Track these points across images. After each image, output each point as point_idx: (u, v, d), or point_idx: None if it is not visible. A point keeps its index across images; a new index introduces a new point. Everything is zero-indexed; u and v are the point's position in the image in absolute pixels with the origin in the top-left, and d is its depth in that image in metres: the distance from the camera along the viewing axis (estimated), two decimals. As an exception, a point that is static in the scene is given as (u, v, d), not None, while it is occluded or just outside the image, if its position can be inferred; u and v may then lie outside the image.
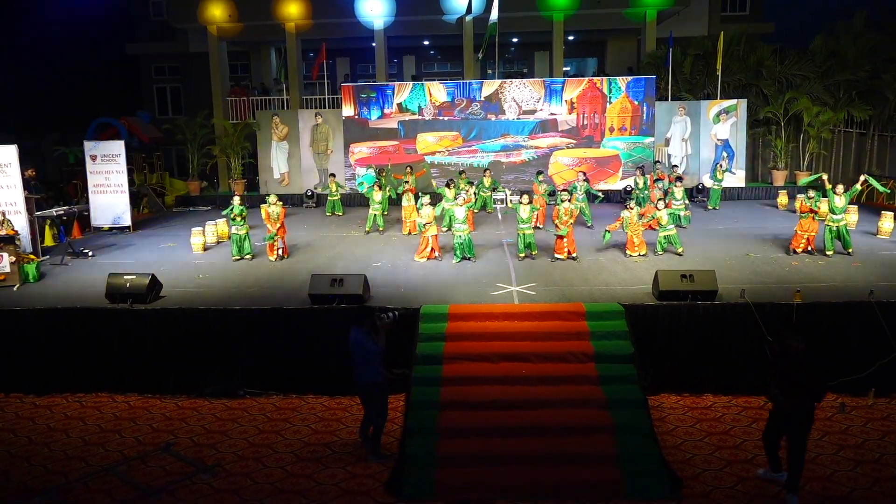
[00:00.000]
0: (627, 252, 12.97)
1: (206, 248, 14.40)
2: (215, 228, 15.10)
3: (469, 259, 12.82)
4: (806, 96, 20.67)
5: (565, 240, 12.59)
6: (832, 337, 9.53)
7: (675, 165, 19.71)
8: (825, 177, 13.78)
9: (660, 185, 16.07)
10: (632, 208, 12.92)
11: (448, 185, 16.01)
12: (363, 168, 21.13)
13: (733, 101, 20.86)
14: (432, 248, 12.92)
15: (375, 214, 15.92)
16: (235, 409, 9.62)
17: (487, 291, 10.82)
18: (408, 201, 15.80)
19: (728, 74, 21.54)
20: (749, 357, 9.54)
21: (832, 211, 12.58)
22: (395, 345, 9.16)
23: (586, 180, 16.05)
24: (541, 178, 16.61)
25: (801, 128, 21.38)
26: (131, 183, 21.91)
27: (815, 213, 12.69)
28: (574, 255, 12.68)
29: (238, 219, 13.34)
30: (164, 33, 27.87)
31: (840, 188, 12.71)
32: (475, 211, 16.89)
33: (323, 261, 13.32)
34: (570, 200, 12.76)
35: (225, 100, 24.34)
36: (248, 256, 13.56)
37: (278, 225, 13.30)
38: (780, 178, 21.36)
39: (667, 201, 13.89)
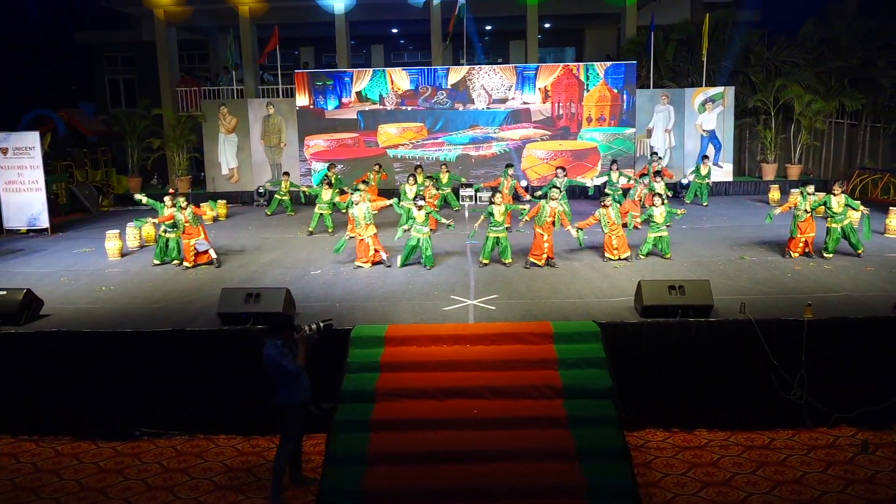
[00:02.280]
0: (606, 255, 11.32)
1: (123, 254, 12.54)
2: (138, 231, 13.22)
3: (423, 266, 11.09)
4: (797, 84, 19.21)
5: (545, 243, 10.88)
6: (849, 359, 7.94)
7: (655, 153, 17.98)
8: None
9: (644, 180, 14.46)
10: (608, 205, 11.24)
11: (411, 180, 14.34)
12: (321, 163, 19.31)
13: (720, 89, 19.33)
14: (376, 251, 11.17)
15: (322, 214, 14.12)
16: (125, 456, 7.80)
17: (439, 306, 9.08)
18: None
19: (714, 61, 20.03)
20: (751, 384, 7.92)
21: (831, 216, 11.06)
22: (325, 372, 7.46)
23: (565, 175, 14.35)
24: (510, 171, 14.91)
25: (792, 118, 19.94)
26: (71, 180, 20.08)
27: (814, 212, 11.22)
28: (553, 260, 11.00)
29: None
30: (116, 21, 25.90)
31: (837, 188, 11.20)
32: (437, 207, 15.12)
33: (255, 268, 11.52)
34: (557, 201, 11.05)
35: (174, 90, 22.44)
36: (175, 262, 11.76)
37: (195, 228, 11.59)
38: (769, 171, 19.89)
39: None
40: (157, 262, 11.72)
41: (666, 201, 11.79)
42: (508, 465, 6.26)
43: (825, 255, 11.08)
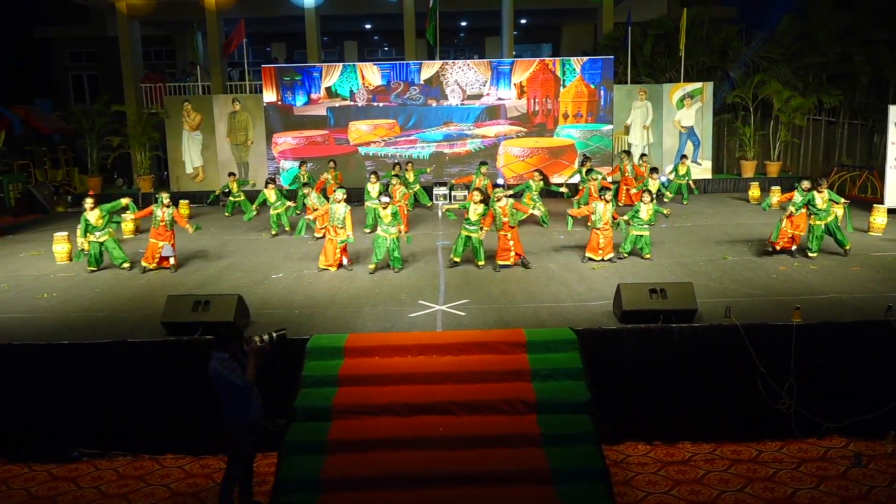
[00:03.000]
0: (587, 255, 10.78)
1: (72, 258, 11.76)
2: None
3: (391, 268, 10.50)
4: (775, 80, 18.92)
5: (511, 242, 10.34)
6: (840, 365, 7.49)
7: (627, 151, 17.52)
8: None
9: (593, 175, 13.85)
10: (608, 200, 10.66)
11: (372, 178, 13.75)
12: (290, 161, 18.59)
13: (698, 85, 18.96)
14: (341, 256, 10.54)
15: (278, 213, 13.58)
16: (61, 480, 7.11)
17: (405, 312, 8.49)
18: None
19: (692, 57, 19.66)
20: (737, 393, 7.45)
21: (815, 213, 10.67)
22: (280, 387, 6.85)
23: (542, 179, 13.76)
24: (483, 170, 14.36)
25: (771, 114, 19.65)
26: (29, 180, 19.17)
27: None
28: (525, 259, 10.46)
29: (100, 222, 10.88)
30: (79, 15, 24.97)
31: (823, 184, 10.79)
32: (409, 210, 14.48)
33: (212, 272, 10.83)
34: (505, 198, 10.51)
35: (138, 86, 21.57)
36: (125, 266, 11.02)
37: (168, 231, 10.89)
38: (749, 168, 19.57)
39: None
40: (92, 269, 10.94)
41: (654, 200, 11.32)
42: (478, 489, 5.69)
43: (809, 254, 10.69)
